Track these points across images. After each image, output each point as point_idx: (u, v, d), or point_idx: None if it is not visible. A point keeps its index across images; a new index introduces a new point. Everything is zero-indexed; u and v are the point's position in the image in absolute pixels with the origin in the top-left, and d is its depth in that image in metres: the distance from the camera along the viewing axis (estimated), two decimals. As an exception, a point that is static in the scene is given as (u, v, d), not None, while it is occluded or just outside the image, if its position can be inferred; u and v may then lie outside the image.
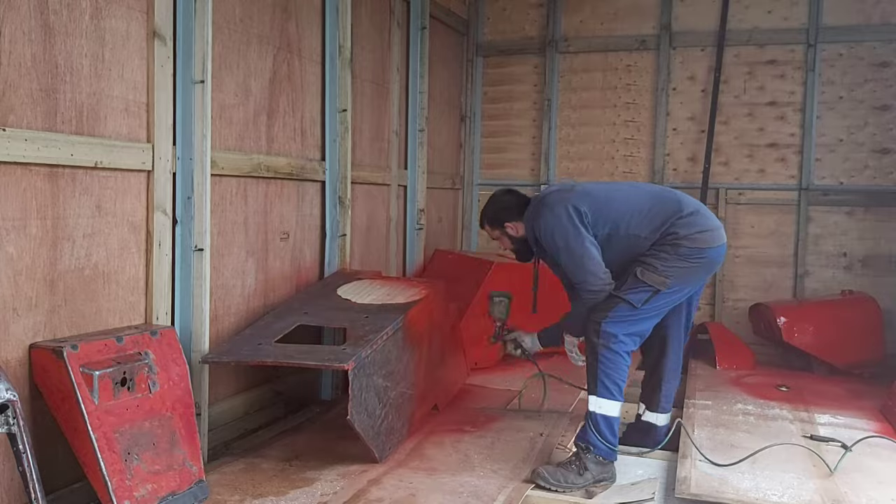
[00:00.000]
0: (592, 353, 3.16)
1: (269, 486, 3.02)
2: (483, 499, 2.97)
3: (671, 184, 6.00)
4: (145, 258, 3.03)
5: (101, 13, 2.79)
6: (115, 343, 2.69)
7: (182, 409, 2.86)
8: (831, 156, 5.66)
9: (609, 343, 3.11)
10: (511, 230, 3.51)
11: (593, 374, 3.15)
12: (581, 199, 3.26)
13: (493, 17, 6.51)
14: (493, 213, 3.56)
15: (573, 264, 3.22)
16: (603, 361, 3.11)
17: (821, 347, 5.10)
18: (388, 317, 3.53)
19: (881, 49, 5.52)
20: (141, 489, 2.61)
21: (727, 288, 5.87)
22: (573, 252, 3.20)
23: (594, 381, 3.14)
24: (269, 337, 3.34)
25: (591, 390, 3.17)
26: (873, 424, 3.95)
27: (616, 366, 3.12)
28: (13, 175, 2.48)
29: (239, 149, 3.61)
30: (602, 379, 3.11)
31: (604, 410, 3.11)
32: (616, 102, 6.19)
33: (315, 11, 4.16)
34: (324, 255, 4.32)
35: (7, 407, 2.10)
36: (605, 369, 3.11)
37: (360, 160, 4.68)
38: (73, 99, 2.69)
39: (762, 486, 3.07)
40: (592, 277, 3.18)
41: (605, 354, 3.11)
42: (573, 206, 3.23)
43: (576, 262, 3.21)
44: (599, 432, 3.10)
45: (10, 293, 2.49)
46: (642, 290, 3.13)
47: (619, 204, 3.29)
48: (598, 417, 3.12)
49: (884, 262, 5.52)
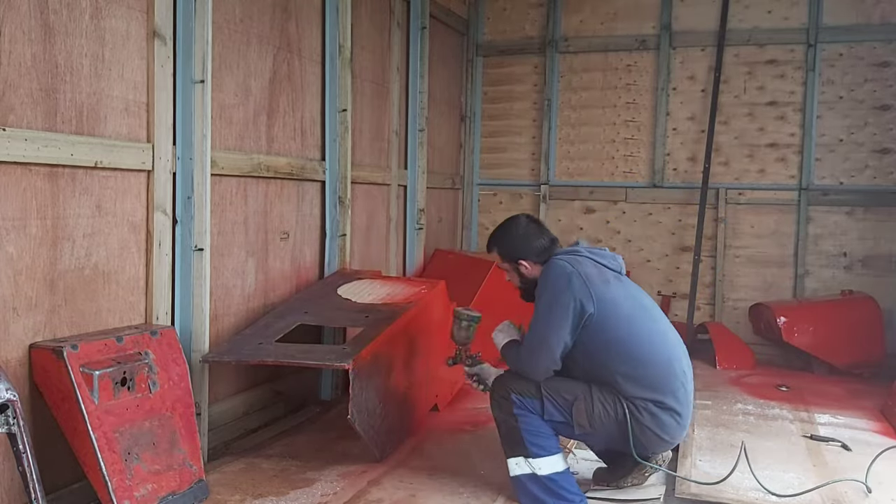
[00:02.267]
0: (510, 416, 2.82)
1: (269, 486, 3.02)
2: (483, 499, 2.97)
3: (671, 184, 6.02)
4: (145, 258, 3.02)
5: (101, 13, 2.79)
6: (115, 343, 2.68)
7: (182, 408, 2.86)
8: (831, 156, 5.66)
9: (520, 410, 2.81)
10: (525, 269, 3.02)
11: (516, 437, 2.82)
12: (601, 293, 2.81)
13: (493, 17, 6.51)
14: (510, 246, 3.04)
15: (534, 332, 2.84)
16: (521, 420, 2.80)
17: (821, 347, 5.10)
18: (389, 316, 3.53)
19: (881, 49, 5.52)
20: (141, 489, 2.61)
21: (727, 288, 5.87)
22: (540, 326, 2.83)
23: (520, 443, 2.81)
24: (269, 336, 3.34)
25: (522, 453, 2.82)
26: (873, 424, 3.95)
27: (535, 425, 2.81)
28: (13, 175, 2.48)
29: (239, 149, 3.61)
30: (529, 439, 2.79)
31: (545, 470, 2.79)
32: (616, 102, 6.19)
33: (315, 11, 4.16)
34: (324, 254, 4.32)
35: (7, 407, 2.10)
36: (527, 428, 2.80)
37: (360, 160, 4.68)
38: (73, 99, 2.69)
39: (762, 486, 3.06)
40: (535, 359, 2.82)
41: (522, 417, 2.81)
42: (582, 297, 2.78)
43: (537, 335, 2.83)
44: (556, 495, 2.78)
45: (10, 293, 2.49)
46: (562, 411, 2.79)
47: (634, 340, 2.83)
48: (543, 481, 2.78)
49: (884, 262, 5.52)
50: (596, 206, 6.26)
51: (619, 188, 6.17)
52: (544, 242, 3.01)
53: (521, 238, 3.01)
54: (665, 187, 6.04)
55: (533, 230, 3.03)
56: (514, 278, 3.08)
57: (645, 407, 2.76)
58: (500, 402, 2.88)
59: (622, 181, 6.18)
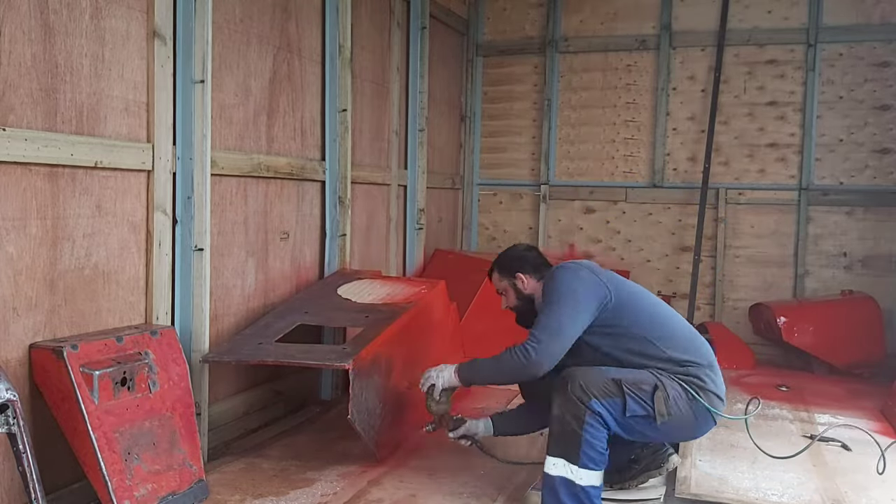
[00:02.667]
0: (576, 420, 2.72)
1: (269, 486, 3.02)
2: (483, 499, 2.97)
3: (671, 184, 6.02)
4: (145, 258, 3.02)
5: (101, 13, 2.79)
6: (115, 343, 2.68)
7: (182, 408, 2.86)
8: (831, 156, 5.66)
9: (594, 419, 2.72)
10: (521, 283, 3.10)
11: (573, 442, 2.72)
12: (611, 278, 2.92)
13: (493, 17, 6.51)
14: (508, 262, 3.18)
15: (548, 323, 2.82)
16: (588, 430, 2.71)
17: (821, 347, 5.10)
18: (389, 316, 3.53)
19: (881, 49, 5.52)
20: (141, 489, 2.61)
21: (727, 288, 5.87)
22: (554, 316, 2.82)
23: (576, 450, 2.71)
24: (269, 336, 3.34)
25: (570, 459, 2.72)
26: (873, 424, 3.95)
27: (598, 437, 2.73)
28: (13, 175, 2.48)
29: (239, 148, 3.61)
30: (585, 450, 2.70)
31: (585, 482, 2.71)
32: (616, 102, 6.19)
33: (315, 11, 4.16)
34: (324, 254, 4.32)
35: (7, 407, 2.10)
36: (589, 439, 2.70)
37: (360, 160, 4.68)
38: (73, 99, 2.69)
39: (762, 486, 3.07)
40: (547, 349, 2.78)
41: (590, 428, 2.71)
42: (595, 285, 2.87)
43: (551, 325, 2.81)
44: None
45: (10, 293, 2.49)
46: (643, 405, 2.74)
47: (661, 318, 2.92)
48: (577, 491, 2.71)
49: (884, 262, 5.52)
50: (596, 206, 6.26)
51: (619, 188, 6.17)
52: (541, 260, 3.16)
53: (518, 257, 3.18)
54: (665, 187, 6.04)
55: (529, 253, 3.21)
56: (511, 297, 3.15)
57: (700, 373, 2.80)
58: (571, 402, 2.71)
59: (622, 181, 6.19)
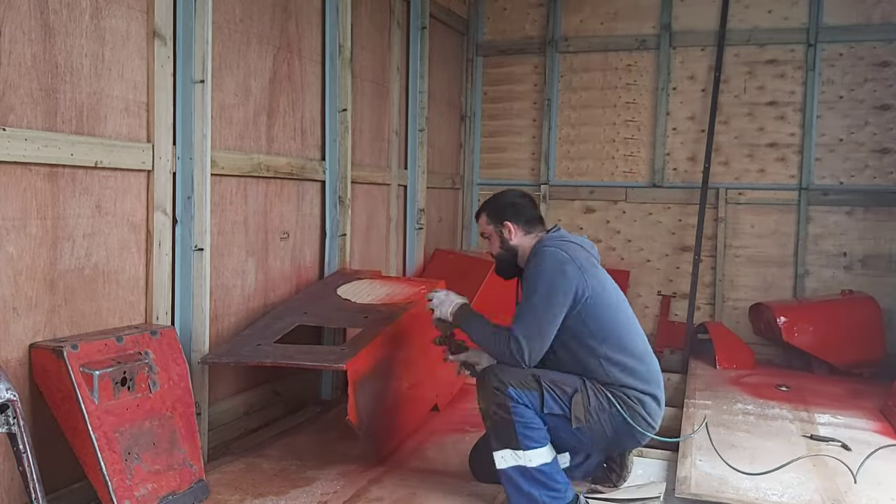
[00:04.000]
0: (501, 408, 2.74)
1: (269, 486, 3.02)
2: (483, 499, 2.97)
3: (671, 183, 6.02)
4: (145, 258, 3.03)
5: (101, 13, 2.79)
6: (115, 343, 2.69)
7: (182, 408, 2.86)
8: (831, 155, 5.66)
9: (515, 403, 2.74)
10: (507, 232, 3.03)
11: (508, 430, 2.73)
12: (592, 279, 2.85)
13: (493, 17, 6.51)
14: (499, 207, 3.07)
15: (531, 319, 2.78)
16: (515, 411, 2.72)
17: (821, 347, 5.10)
18: (388, 316, 3.53)
19: (881, 49, 5.52)
20: (141, 489, 2.61)
21: (727, 288, 5.87)
22: (537, 313, 2.78)
23: (512, 435, 2.72)
24: (268, 337, 3.34)
25: (512, 445, 2.73)
26: (873, 424, 3.95)
27: (528, 416, 2.74)
28: (13, 175, 2.48)
29: (239, 148, 3.61)
30: (521, 430, 2.72)
31: (535, 462, 2.72)
32: (616, 102, 6.19)
33: (315, 11, 4.16)
34: (324, 254, 4.32)
35: (7, 407, 2.10)
36: (520, 420, 2.72)
37: (360, 160, 4.68)
38: (73, 99, 2.69)
39: (762, 486, 3.07)
40: (531, 346, 2.76)
41: (516, 409, 2.73)
42: (578, 284, 2.81)
43: (535, 322, 2.78)
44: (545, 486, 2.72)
45: (10, 293, 2.49)
46: (561, 404, 2.76)
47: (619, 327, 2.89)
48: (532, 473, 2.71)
49: (884, 262, 5.52)
50: (596, 206, 6.26)
51: (619, 188, 6.17)
52: (533, 212, 3.07)
53: (511, 203, 3.07)
54: (665, 187, 6.04)
55: (523, 201, 3.10)
56: (495, 244, 3.09)
57: (634, 395, 2.80)
58: (492, 393, 2.76)
59: (622, 181, 6.18)
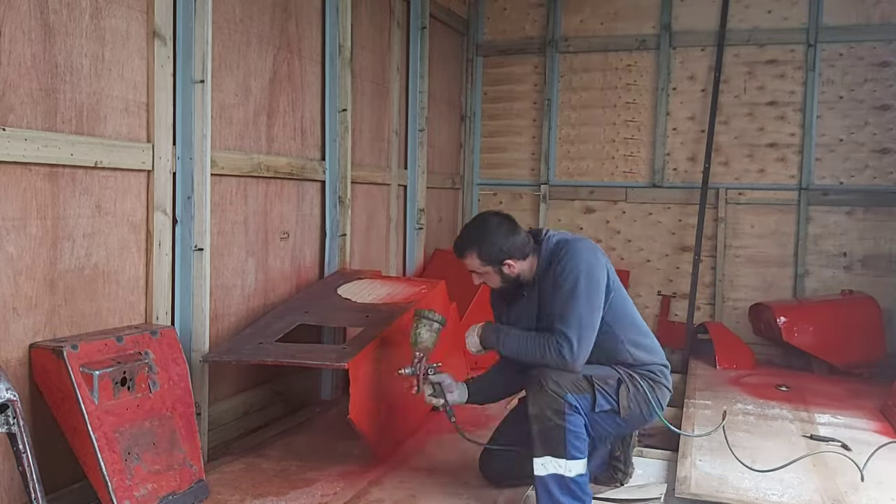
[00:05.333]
0: (556, 415, 2.69)
1: (269, 486, 3.02)
2: (483, 499, 2.97)
3: (671, 183, 6.02)
4: (145, 258, 3.03)
5: (101, 13, 2.79)
6: (115, 343, 2.68)
7: (182, 408, 2.86)
8: (831, 156, 5.66)
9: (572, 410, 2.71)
10: (508, 268, 2.90)
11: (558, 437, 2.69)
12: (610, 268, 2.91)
13: (493, 17, 6.50)
14: (492, 249, 2.86)
15: (576, 320, 2.73)
16: (570, 420, 2.69)
17: (821, 347, 5.10)
18: (389, 316, 3.53)
19: (881, 49, 5.52)
20: (141, 489, 2.61)
21: (727, 288, 5.86)
22: (582, 314, 2.74)
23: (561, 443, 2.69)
24: (269, 336, 3.34)
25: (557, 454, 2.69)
26: (873, 424, 3.95)
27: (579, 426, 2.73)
28: (13, 175, 2.48)
29: (239, 148, 3.61)
30: (570, 440, 2.69)
31: (574, 472, 2.70)
32: (616, 102, 6.19)
33: (315, 11, 4.16)
34: (324, 254, 4.32)
35: (7, 407, 2.10)
36: (572, 429, 2.69)
37: (360, 160, 4.68)
38: (73, 99, 2.69)
39: (762, 486, 3.07)
40: (582, 348, 2.73)
41: (571, 417, 2.70)
42: (609, 272, 2.86)
43: (582, 323, 2.74)
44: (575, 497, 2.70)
45: (10, 293, 2.49)
46: (609, 399, 2.78)
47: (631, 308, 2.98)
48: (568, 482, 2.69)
49: (884, 262, 5.52)
50: (596, 206, 6.26)
51: (619, 188, 6.17)
52: (522, 236, 2.91)
53: (503, 237, 2.87)
54: (665, 187, 6.04)
55: (508, 227, 2.91)
56: (493, 280, 2.94)
57: (657, 369, 2.93)
58: (550, 398, 2.68)
59: (622, 181, 6.18)
